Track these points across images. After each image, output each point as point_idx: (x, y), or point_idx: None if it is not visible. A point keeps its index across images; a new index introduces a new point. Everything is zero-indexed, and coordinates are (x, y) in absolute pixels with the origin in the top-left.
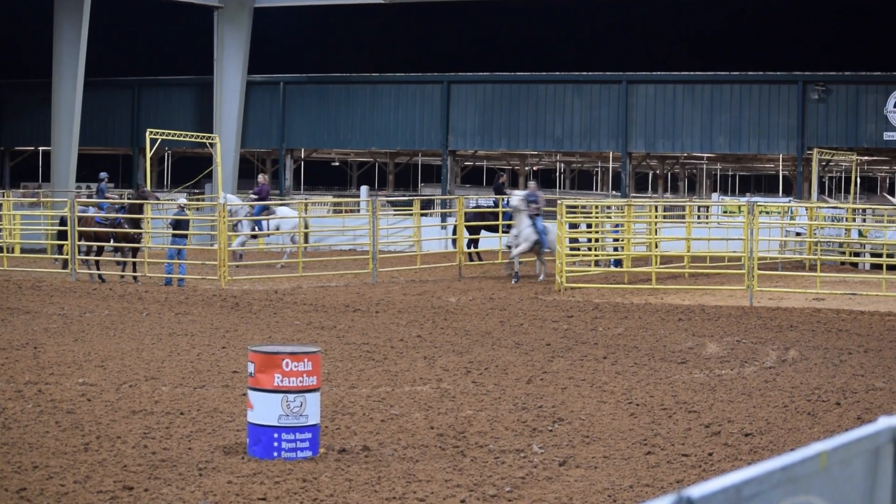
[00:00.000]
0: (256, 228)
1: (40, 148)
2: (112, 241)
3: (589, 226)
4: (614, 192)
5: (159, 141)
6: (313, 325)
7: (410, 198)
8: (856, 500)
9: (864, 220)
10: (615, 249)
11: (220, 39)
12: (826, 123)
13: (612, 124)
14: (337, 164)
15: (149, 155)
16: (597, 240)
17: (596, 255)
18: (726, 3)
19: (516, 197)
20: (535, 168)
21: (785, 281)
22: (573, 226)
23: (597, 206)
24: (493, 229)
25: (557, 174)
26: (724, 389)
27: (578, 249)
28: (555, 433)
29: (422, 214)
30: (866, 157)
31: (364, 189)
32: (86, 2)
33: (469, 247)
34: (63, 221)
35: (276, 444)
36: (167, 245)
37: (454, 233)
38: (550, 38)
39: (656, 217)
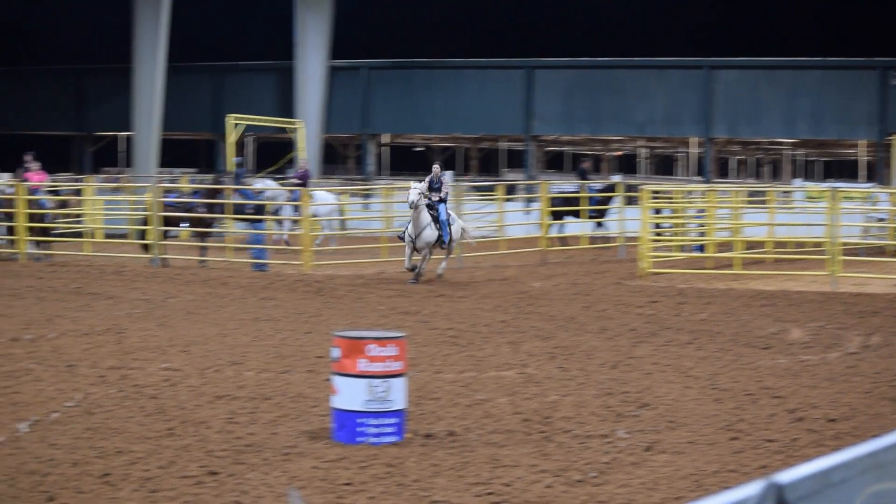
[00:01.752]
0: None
1: (122, 133)
2: (186, 224)
3: (672, 211)
4: (697, 178)
5: (241, 126)
6: (397, 310)
7: (494, 183)
8: None
9: None
10: (698, 235)
11: (302, 24)
12: None
13: (694, 110)
14: (420, 149)
15: (230, 140)
16: (680, 225)
17: (679, 241)
18: None
19: (414, 191)
20: (617, 154)
21: (867, 266)
22: (656, 211)
23: (680, 192)
24: (578, 214)
25: (640, 160)
26: (808, 375)
27: (662, 235)
28: (640, 418)
29: (505, 200)
30: None
31: (448, 174)
32: None
33: (552, 231)
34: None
35: (361, 429)
36: (250, 231)
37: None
38: (633, 23)
39: (739, 202)
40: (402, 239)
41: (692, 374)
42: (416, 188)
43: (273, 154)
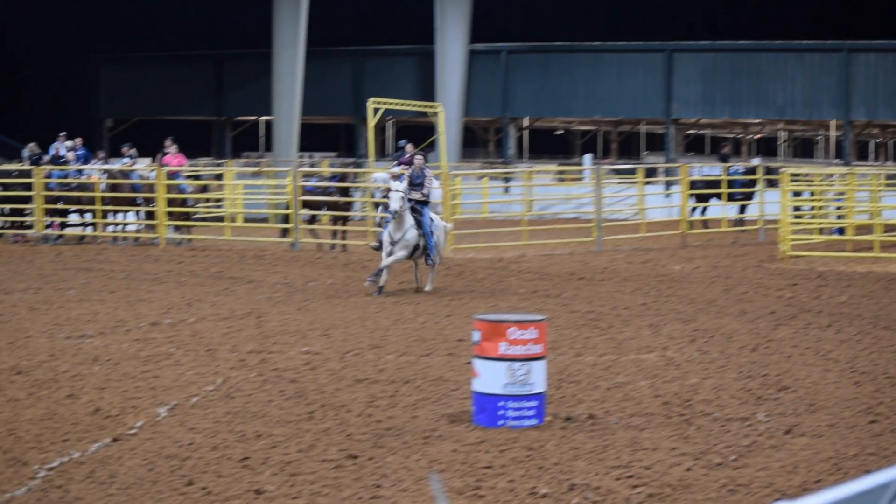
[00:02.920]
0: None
1: (262, 118)
2: (325, 209)
3: (812, 194)
4: (836, 161)
5: (382, 110)
6: (538, 293)
7: (634, 166)
8: None
9: None
10: (838, 218)
11: (442, 8)
12: None
13: (833, 92)
14: (560, 132)
15: (371, 124)
16: (820, 208)
17: (819, 224)
18: None
19: (396, 195)
20: (756, 137)
21: None
22: (796, 194)
23: (819, 175)
24: (720, 198)
25: (779, 143)
26: None
27: (801, 218)
28: (780, 401)
29: (646, 183)
30: None
31: (588, 157)
32: None
33: (694, 214)
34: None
35: (501, 412)
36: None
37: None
38: (772, 5)
39: (878, 185)
40: (377, 249)
41: (832, 357)
42: (397, 191)
43: (413, 138)
